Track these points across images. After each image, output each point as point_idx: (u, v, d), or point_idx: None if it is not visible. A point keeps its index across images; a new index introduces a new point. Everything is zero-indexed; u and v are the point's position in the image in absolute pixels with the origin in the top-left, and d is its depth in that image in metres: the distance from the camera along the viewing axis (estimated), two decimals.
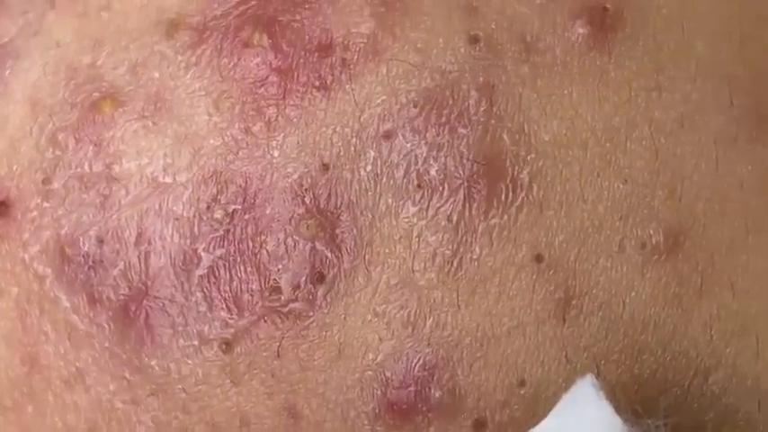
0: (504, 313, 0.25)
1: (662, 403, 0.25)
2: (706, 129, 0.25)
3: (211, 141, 0.25)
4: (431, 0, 0.25)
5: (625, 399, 0.25)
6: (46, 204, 0.26)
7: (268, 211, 0.25)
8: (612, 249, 0.25)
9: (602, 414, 0.24)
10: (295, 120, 0.25)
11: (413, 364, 0.25)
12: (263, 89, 0.25)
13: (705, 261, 0.25)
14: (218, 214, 0.25)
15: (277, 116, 0.25)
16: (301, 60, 0.25)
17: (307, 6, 0.25)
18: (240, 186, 0.25)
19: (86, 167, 0.26)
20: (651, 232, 0.25)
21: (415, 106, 0.24)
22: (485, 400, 0.25)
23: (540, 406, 0.25)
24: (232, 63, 0.25)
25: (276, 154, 0.25)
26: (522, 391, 0.25)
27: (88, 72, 0.26)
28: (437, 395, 0.25)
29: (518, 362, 0.25)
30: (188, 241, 0.25)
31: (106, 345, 0.26)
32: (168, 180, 0.25)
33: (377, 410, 0.25)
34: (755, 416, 0.26)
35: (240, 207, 0.25)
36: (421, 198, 0.24)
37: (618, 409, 0.23)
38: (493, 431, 0.25)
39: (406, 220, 0.25)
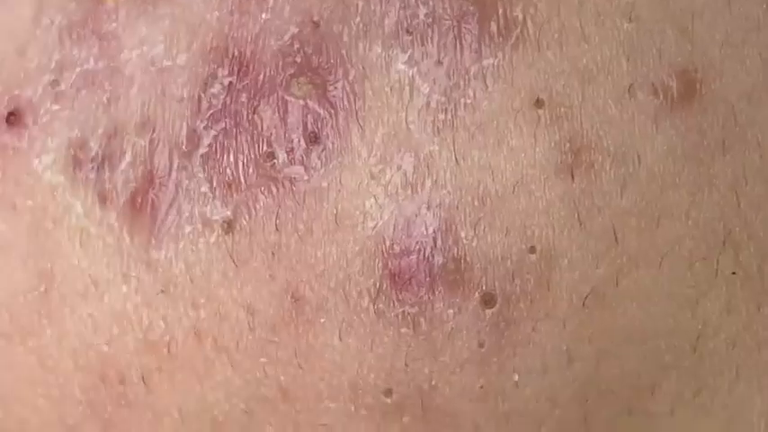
0: (505, 167, 0.23)
1: (689, 278, 0.23)
2: None
3: (207, 17, 0.25)
4: None
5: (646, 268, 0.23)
6: (56, 107, 0.25)
7: (261, 77, 0.24)
8: (621, 95, 0.23)
9: None
10: None
11: (413, 229, 0.23)
12: None
13: (725, 113, 0.23)
14: (216, 89, 0.24)
15: None
16: None
17: None
18: (235, 57, 0.24)
19: (92, 64, 0.25)
20: (663, 77, 0.23)
21: None
22: (493, 268, 0.23)
23: (555, 277, 0.23)
24: None
25: (269, 17, 0.24)
26: (533, 258, 0.23)
27: None
28: (440, 261, 0.23)
29: (525, 224, 0.23)
30: (189, 121, 0.24)
31: (116, 245, 0.25)
32: (168, 63, 0.25)
33: (378, 285, 0.23)
34: None
35: (235, 78, 0.24)
36: (411, 44, 0.23)
37: None
38: (503, 305, 0.23)
39: (397, 69, 0.23)
